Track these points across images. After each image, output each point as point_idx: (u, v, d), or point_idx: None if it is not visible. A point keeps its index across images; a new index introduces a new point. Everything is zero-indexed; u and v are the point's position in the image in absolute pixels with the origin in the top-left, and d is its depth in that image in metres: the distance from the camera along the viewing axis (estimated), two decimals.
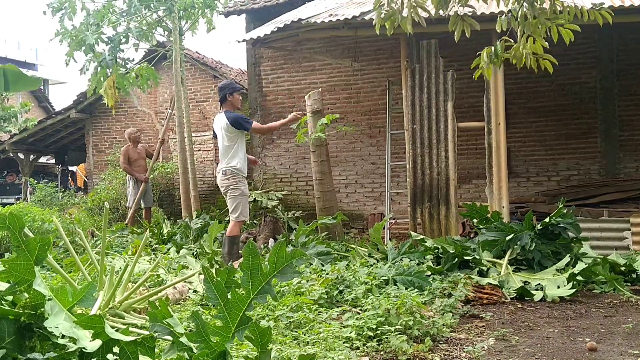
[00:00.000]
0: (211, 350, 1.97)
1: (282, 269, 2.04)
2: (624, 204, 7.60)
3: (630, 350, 3.23)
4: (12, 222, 1.99)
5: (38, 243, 1.99)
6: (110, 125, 12.68)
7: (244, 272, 2.04)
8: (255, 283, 2.04)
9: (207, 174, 11.32)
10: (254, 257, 2.04)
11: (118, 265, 5.25)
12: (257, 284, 2.04)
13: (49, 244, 2.03)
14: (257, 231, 7.78)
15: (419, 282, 4.50)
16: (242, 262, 2.06)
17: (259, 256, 2.05)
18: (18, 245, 1.98)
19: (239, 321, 2.01)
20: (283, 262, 2.04)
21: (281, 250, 2.05)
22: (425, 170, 6.87)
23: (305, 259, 2.13)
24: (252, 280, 2.04)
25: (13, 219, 2.00)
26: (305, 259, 1.90)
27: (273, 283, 2.08)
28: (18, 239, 1.99)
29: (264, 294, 2.04)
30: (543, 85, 8.93)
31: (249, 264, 2.04)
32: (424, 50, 6.95)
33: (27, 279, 1.96)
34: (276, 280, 2.08)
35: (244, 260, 2.05)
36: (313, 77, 10.14)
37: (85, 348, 1.84)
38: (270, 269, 2.04)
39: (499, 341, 3.47)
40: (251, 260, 2.04)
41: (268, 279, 2.04)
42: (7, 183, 18.42)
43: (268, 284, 2.04)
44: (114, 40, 8.71)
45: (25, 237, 2.01)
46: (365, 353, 3.11)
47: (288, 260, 2.04)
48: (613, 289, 4.77)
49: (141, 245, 4.22)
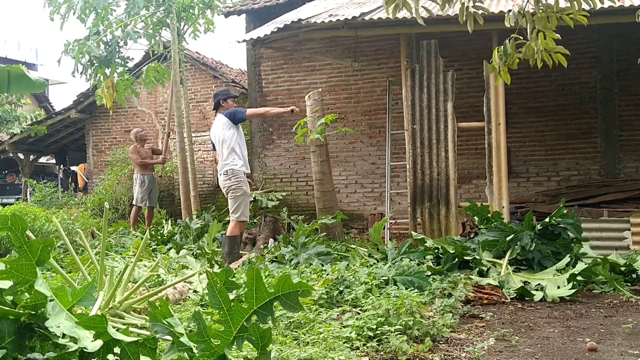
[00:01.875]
0: (211, 352, 1.98)
1: (286, 294, 2.06)
2: (624, 204, 7.60)
3: (630, 350, 3.23)
4: (15, 223, 1.99)
5: (41, 244, 1.99)
6: (110, 125, 12.68)
7: (249, 289, 2.06)
8: (258, 298, 2.06)
9: (207, 174, 11.32)
10: (258, 280, 2.06)
11: (118, 266, 5.25)
12: (260, 299, 2.05)
13: (52, 246, 2.02)
14: (257, 231, 7.76)
15: (419, 282, 4.50)
16: (247, 282, 2.07)
17: (262, 279, 2.07)
18: (20, 246, 1.98)
19: (240, 328, 2.02)
20: (287, 288, 2.06)
21: (287, 280, 2.07)
22: (425, 170, 6.87)
23: (310, 291, 2.15)
24: (256, 296, 2.06)
25: (15, 220, 2.00)
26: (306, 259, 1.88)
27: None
28: (20, 240, 1.98)
29: (265, 313, 2.04)
30: (543, 85, 8.93)
31: (253, 283, 2.05)
32: (424, 50, 6.95)
33: (28, 280, 1.96)
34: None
35: (248, 281, 2.06)
36: (313, 77, 10.15)
37: (86, 348, 1.84)
38: (275, 291, 2.06)
39: (499, 341, 3.47)
40: (255, 281, 2.05)
41: (270, 297, 2.05)
42: (7, 183, 18.42)
43: (271, 304, 2.05)
44: (111, 44, 8.73)
45: (27, 238, 2.01)
46: (365, 353, 3.10)
47: (293, 288, 2.06)
48: (613, 289, 4.77)
49: (141, 245, 4.22)
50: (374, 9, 7.07)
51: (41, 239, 2.04)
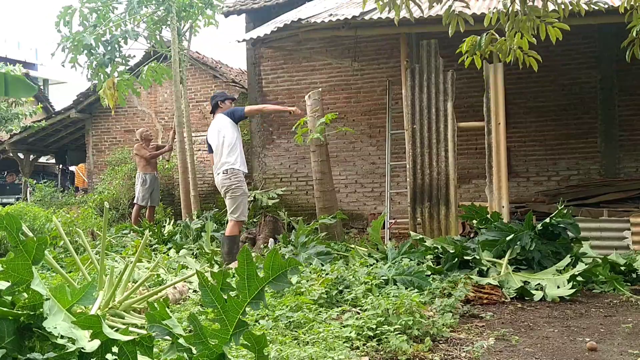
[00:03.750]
0: (210, 351, 1.97)
1: (276, 276, 2.04)
2: (624, 204, 7.59)
3: (630, 350, 3.23)
4: (10, 222, 1.99)
5: (35, 243, 1.99)
6: (110, 125, 12.68)
7: (240, 277, 2.04)
8: (251, 288, 2.04)
9: (207, 174, 11.32)
10: (249, 264, 2.04)
11: (118, 266, 5.25)
12: (253, 289, 2.04)
13: (46, 244, 2.02)
14: (257, 231, 7.76)
15: (418, 282, 4.49)
16: (237, 268, 2.06)
17: (254, 263, 2.06)
18: (16, 245, 1.98)
19: (236, 324, 2.01)
20: (278, 270, 2.04)
21: (276, 258, 2.05)
22: (425, 170, 6.87)
23: (299, 268, 2.13)
24: (248, 285, 2.04)
25: (10, 220, 1.99)
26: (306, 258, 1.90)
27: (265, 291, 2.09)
28: (16, 239, 1.98)
29: (258, 300, 2.04)
30: (543, 85, 8.92)
31: (244, 269, 2.04)
32: (423, 50, 6.94)
33: (25, 279, 1.96)
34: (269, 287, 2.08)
35: (239, 266, 2.05)
36: (313, 77, 10.15)
37: (84, 348, 1.84)
38: (266, 276, 2.04)
39: (499, 341, 3.47)
40: (246, 267, 2.04)
41: (263, 285, 2.04)
42: (7, 183, 18.41)
43: (262, 291, 2.05)
44: (111, 42, 8.72)
45: (24, 236, 2.01)
46: (365, 353, 3.10)
47: (283, 268, 2.04)
48: (613, 289, 4.77)
49: (141, 245, 4.22)
50: (374, 9, 7.07)
51: (36, 237, 2.04)
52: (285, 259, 2.06)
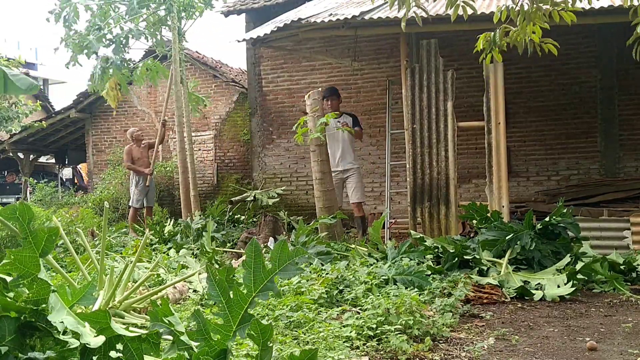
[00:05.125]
0: (212, 348, 1.96)
1: (284, 266, 2.03)
2: (624, 204, 7.59)
3: (630, 350, 3.23)
4: (22, 212, 1.96)
5: (45, 234, 1.96)
6: (110, 125, 12.67)
7: (247, 270, 2.03)
8: (257, 281, 2.02)
9: (207, 174, 11.32)
10: (257, 256, 2.03)
11: (118, 266, 5.25)
12: (260, 281, 2.02)
13: (57, 234, 2.00)
14: (257, 231, 7.76)
15: (418, 282, 4.49)
16: (244, 260, 2.05)
17: (262, 254, 2.04)
18: (25, 236, 1.95)
19: (240, 319, 1.99)
20: (285, 260, 2.03)
21: (284, 249, 2.04)
22: (425, 170, 6.87)
23: (306, 257, 2.12)
24: (254, 278, 2.02)
25: (23, 210, 1.97)
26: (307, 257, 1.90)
27: (274, 281, 2.07)
28: (26, 230, 1.96)
29: (266, 291, 2.02)
30: (543, 84, 8.92)
31: (252, 262, 2.03)
32: (423, 50, 6.94)
33: (31, 273, 1.93)
34: (277, 279, 2.07)
35: (246, 258, 2.04)
36: (313, 76, 10.15)
37: (89, 344, 1.83)
38: (273, 267, 2.02)
39: (499, 341, 3.47)
40: (254, 259, 2.03)
41: (270, 276, 2.02)
42: (7, 183, 18.42)
43: (271, 282, 2.03)
44: (115, 42, 8.69)
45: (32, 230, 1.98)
46: (365, 352, 3.10)
47: (290, 258, 2.03)
48: (613, 289, 4.77)
49: (141, 245, 4.22)
50: (374, 8, 7.07)
51: (46, 227, 2.01)
52: (292, 250, 2.05)
